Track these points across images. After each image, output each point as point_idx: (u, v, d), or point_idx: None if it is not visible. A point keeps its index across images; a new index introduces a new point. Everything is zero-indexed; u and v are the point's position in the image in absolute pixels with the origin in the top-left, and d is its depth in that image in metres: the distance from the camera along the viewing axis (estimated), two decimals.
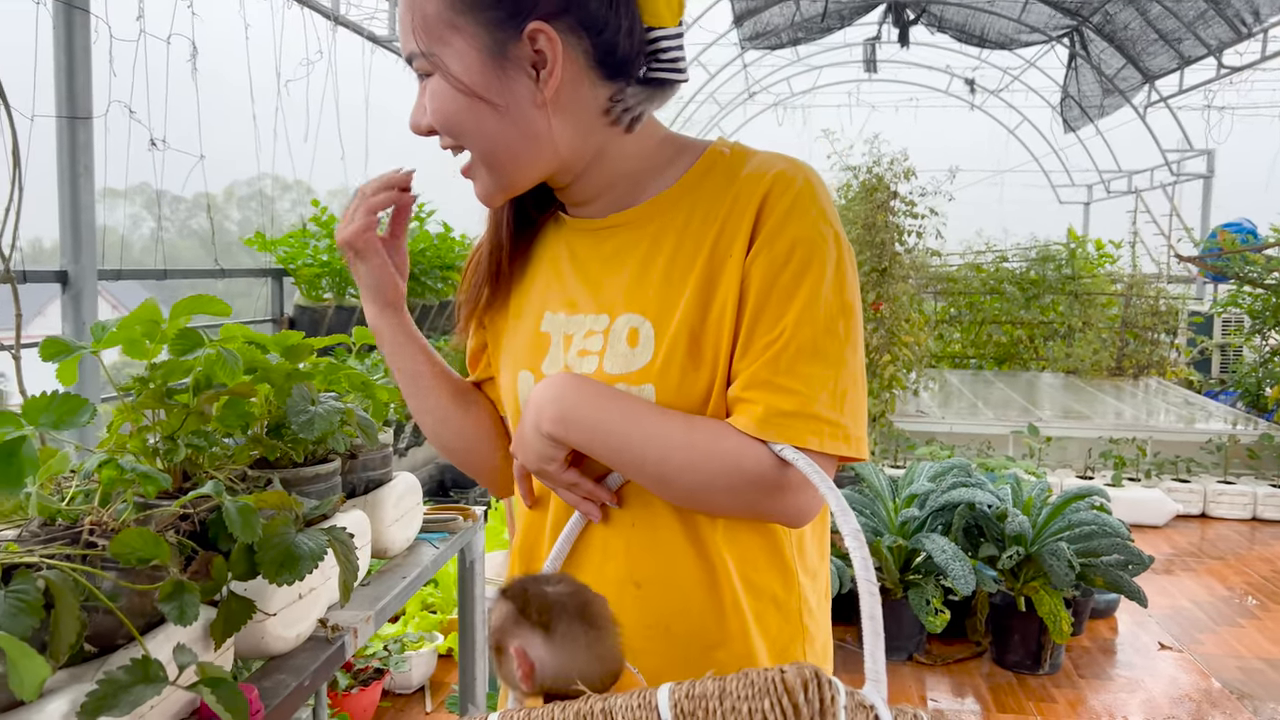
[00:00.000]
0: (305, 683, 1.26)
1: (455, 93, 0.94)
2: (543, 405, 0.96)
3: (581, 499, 1.00)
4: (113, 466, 1.12)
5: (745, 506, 0.93)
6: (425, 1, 0.93)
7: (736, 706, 0.65)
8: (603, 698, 0.70)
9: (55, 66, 2.71)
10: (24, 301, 2.25)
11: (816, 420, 0.90)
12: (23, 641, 0.79)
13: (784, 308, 0.91)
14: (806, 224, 0.93)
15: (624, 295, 0.99)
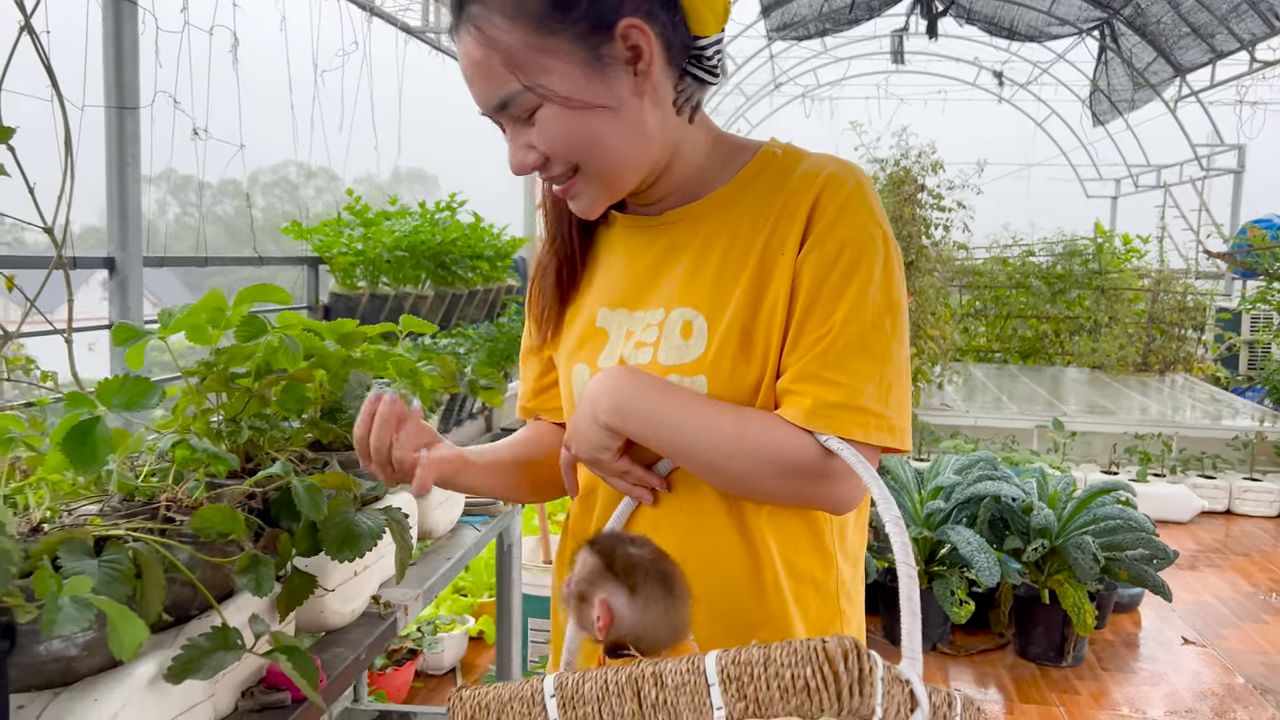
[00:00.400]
0: (361, 656, 1.32)
1: (571, 112, 0.94)
2: (599, 397, 1.01)
3: (632, 485, 1.04)
4: (185, 447, 1.18)
5: (791, 494, 0.98)
6: (504, 40, 0.92)
7: (780, 673, 0.69)
8: (653, 662, 0.75)
9: (104, 57, 2.78)
10: (52, 287, 2.32)
11: (862, 412, 0.94)
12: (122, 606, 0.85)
13: (833, 305, 0.95)
14: (857, 224, 0.97)
15: (679, 290, 1.03)
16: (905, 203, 6.40)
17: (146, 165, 3.06)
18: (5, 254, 2.52)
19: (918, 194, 6.46)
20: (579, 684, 0.77)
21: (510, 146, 0.99)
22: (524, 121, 0.96)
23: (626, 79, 0.95)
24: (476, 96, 0.98)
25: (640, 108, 0.97)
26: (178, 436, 1.20)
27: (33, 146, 1.21)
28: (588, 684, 0.76)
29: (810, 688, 0.69)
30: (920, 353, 6.30)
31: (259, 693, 1.13)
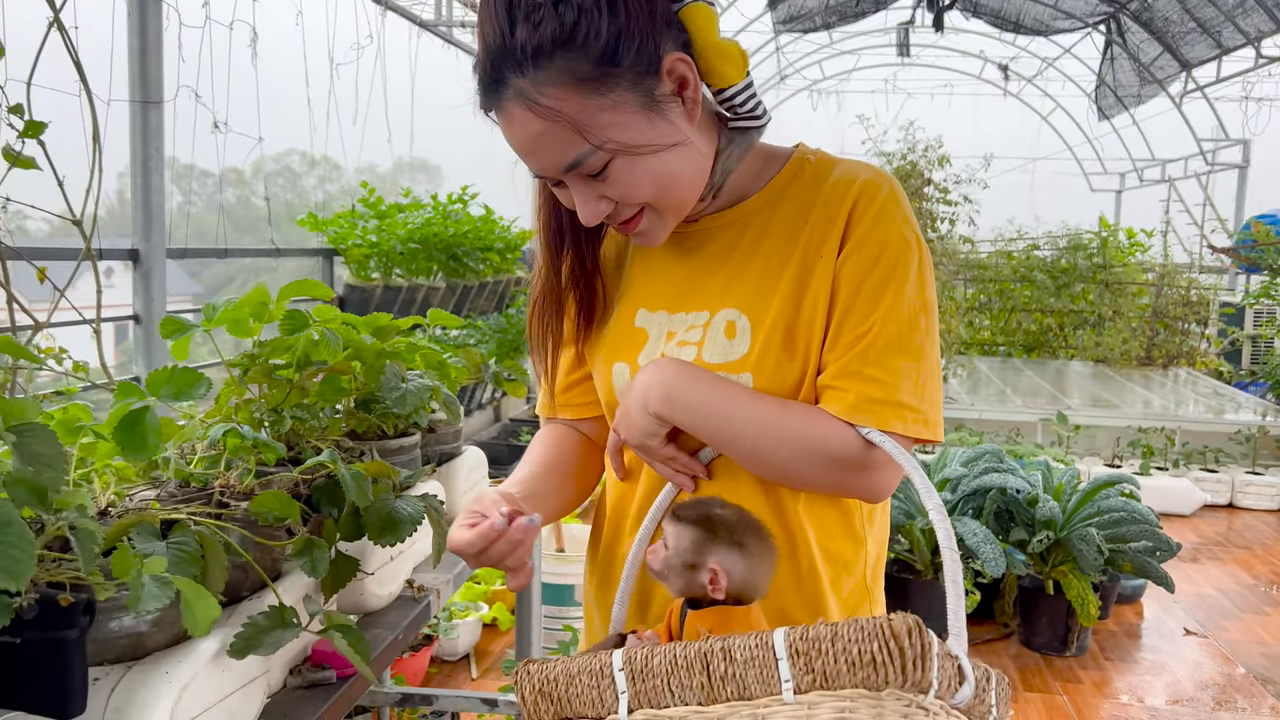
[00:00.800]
0: (399, 637, 1.38)
1: (645, 158, 0.97)
2: (650, 386, 1.06)
3: (675, 472, 1.10)
4: (235, 435, 1.24)
5: (831, 483, 1.04)
6: (565, 108, 0.92)
7: (848, 648, 0.75)
8: (721, 638, 0.80)
9: (129, 52, 2.83)
10: (58, 275, 2.37)
11: (901, 407, 1.00)
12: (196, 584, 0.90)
13: (873, 305, 1.01)
14: (894, 229, 1.03)
15: (722, 292, 1.09)
16: (912, 197, 6.45)
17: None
18: (27, 244, 2.57)
19: (924, 188, 6.51)
20: (648, 658, 0.82)
21: (579, 200, 0.99)
22: (593, 177, 0.97)
23: (679, 110, 0.98)
24: (540, 164, 0.98)
25: (694, 137, 1.01)
26: (227, 425, 1.26)
27: (52, 138, 1.25)
28: (656, 658, 0.82)
29: (877, 661, 0.75)
30: None
31: (306, 670, 1.19)
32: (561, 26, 0.90)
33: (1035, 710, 3.29)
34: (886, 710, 0.76)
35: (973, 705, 0.83)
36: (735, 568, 0.95)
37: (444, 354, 1.88)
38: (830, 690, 0.76)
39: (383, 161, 5.67)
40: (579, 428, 1.30)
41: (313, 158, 4.62)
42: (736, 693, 0.80)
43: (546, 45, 0.90)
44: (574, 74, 0.91)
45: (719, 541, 0.95)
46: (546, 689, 0.86)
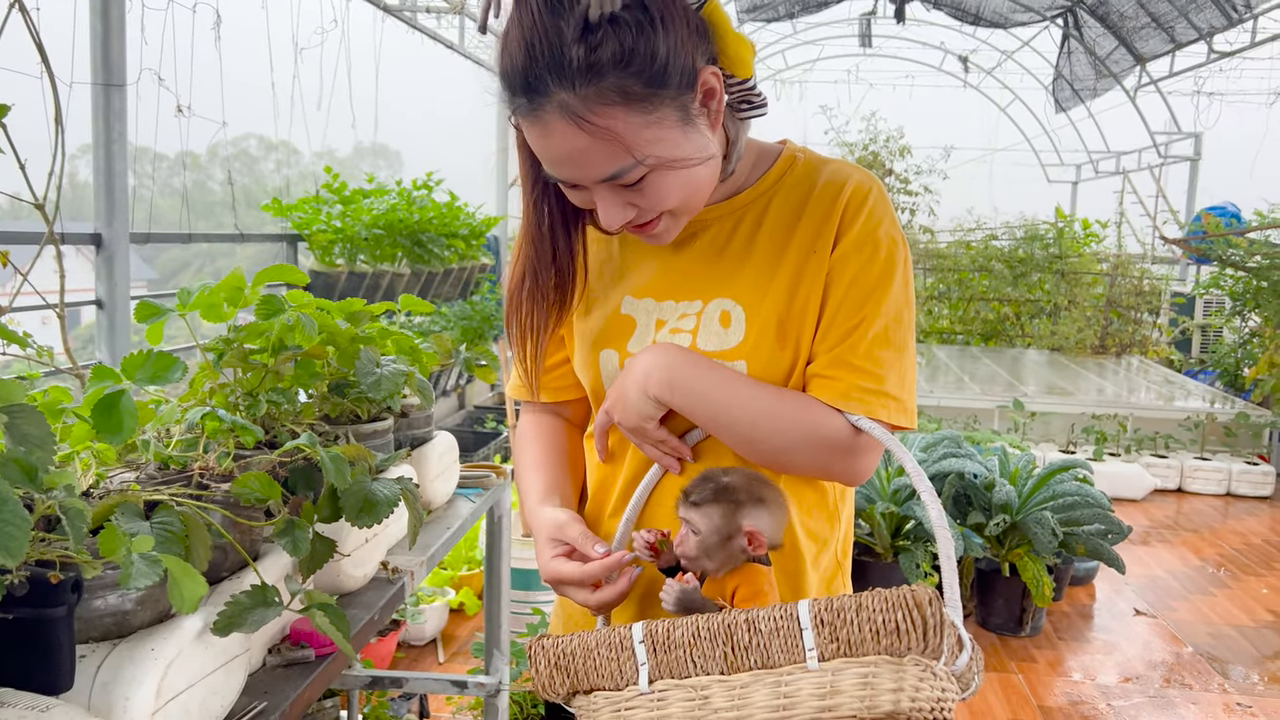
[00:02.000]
0: (375, 617, 1.40)
1: (679, 172, 1.00)
2: (651, 370, 1.09)
3: (664, 454, 1.14)
4: (213, 418, 1.25)
5: (820, 466, 1.09)
6: (614, 125, 0.93)
7: (872, 617, 0.80)
8: (744, 611, 0.84)
9: (91, 34, 2.80)
10: (19, 259, 2.35)
11: (887, 396, 1.06)
12: None
13: (864, 300, 1.07)
14: (883, 230, 1.09)
15: (716, 282, 1.13)
16: None
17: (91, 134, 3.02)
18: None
19: (885, 178, 6.58)
20: (669, 631, 0.86)
21: (604, 206, 1.02)
22: (625, 186, 1.00)
23: (705, 121, 1.01)
24: (576, 174, 0.99)
25: (716, 140, 1.05)
26: (204, 409, 1.27)
27: (11, 120, 1.25)
28: (678, 630, 0.86)
29: (901, 629, 0.80)
30: None
31: (285, 649, 1.21)
32: (621, 48, 0.90)
33: (992, 689, 3.38)
34: (906, 675, 0.82)
35: (964, 671, 0.89)
36: (764, 523, 1.01)
37: (416, 339, 1.89)
38: (854, 658, 0.81)
39: (342, 146, 5.63)
40: (561, 412, 1.33)
41: (271, 142, 4.56)
42: (760, 662, 0.84)
43: (603, 65, 0.90)
44: (625, 93, 0.92)
45: (744, 505, 1.01)
46: (562, 663, 0.89)
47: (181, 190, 3.74)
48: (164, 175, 4.54)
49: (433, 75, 14.64)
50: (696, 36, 0.97)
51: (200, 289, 1.44)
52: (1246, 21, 8.05)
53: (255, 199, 4.33)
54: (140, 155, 3.49)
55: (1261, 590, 4.52)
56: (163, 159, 3.87)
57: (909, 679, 0.82)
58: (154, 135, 3.38)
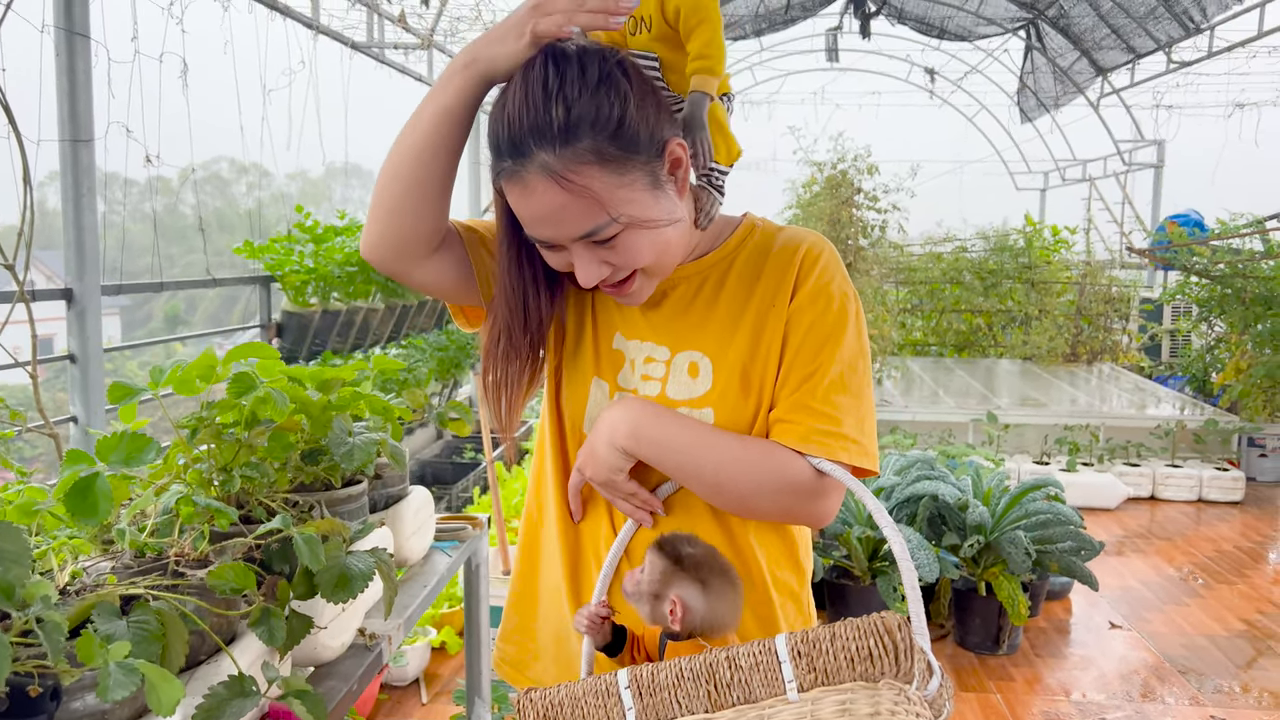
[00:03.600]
0: (353, 688, 1.42)
1: (650, 231, 1.07)
2: (617, 424, 1.16)
3: (635, 508, 1.19)
4: (188, 502, 1.27)
5: (783, 510, 1.15)
6: (590, 185, 1.00)
7: (846, 645, 0.85)
8: (724, 649, 0.89)
9: (58, 91, 2.81)
10: None
11: (846, 439, 1.12)
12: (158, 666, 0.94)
13: (820, 349, 1.14)
14: (835, 285, 1.17)
15: (683, 336, 1.20)
16: (843, 205, 6.59)
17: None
18: None
19: (854, 196, 6.66)
20: (653, 675, 0.90)
21: (581, 264, 1.07)
22: (599, 244, 1.06)
23: (673, 187, 1.10)
24: (554, 232, 1.05)
25: (683, 210, 1.13)
26: (180, 491, 1.29)
27: None
28: (661, 674, 0.90)
29: (874, 655, 0.85)
30: None
31: None
32: (596, 113, 0.99)
33: (971, 709, 3.42)
34: (882, 700, 0.87)
35: (935, 698, 0.92)
36: (695, 603, 1.02)
37: (388, 398, 1.91)
38: (831, 686, 0.85)
39: (314, 167, 5.63)
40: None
41: (242, 165, 4.54)
42: (742, 697, 0.88)
43: (580, 126, 0.99)
44: (600, 154, 1.00)
45: (683, 576, 1.04)
46: (550, 714, 0.93)
47: (152, 215, 3.72)
48: (134, 201, 4.50)
49: (403, 104, 14.67)
50: (665, 112, 1.07)
51: (173, 367, 1.46)
52: (1204, 32, 8.20)
53: (228, 222, 4.33)
54: (110, 181, 3.48)
55: (1234, 599, 4.59)
56: (133, 184, 3.86)
57: (885, 703, 0.86)
58: (124, 160, 3.38)
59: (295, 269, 3.99)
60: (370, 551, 1.36)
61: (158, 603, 1.06)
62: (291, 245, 4.14)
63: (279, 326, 4.09)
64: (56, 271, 3.19)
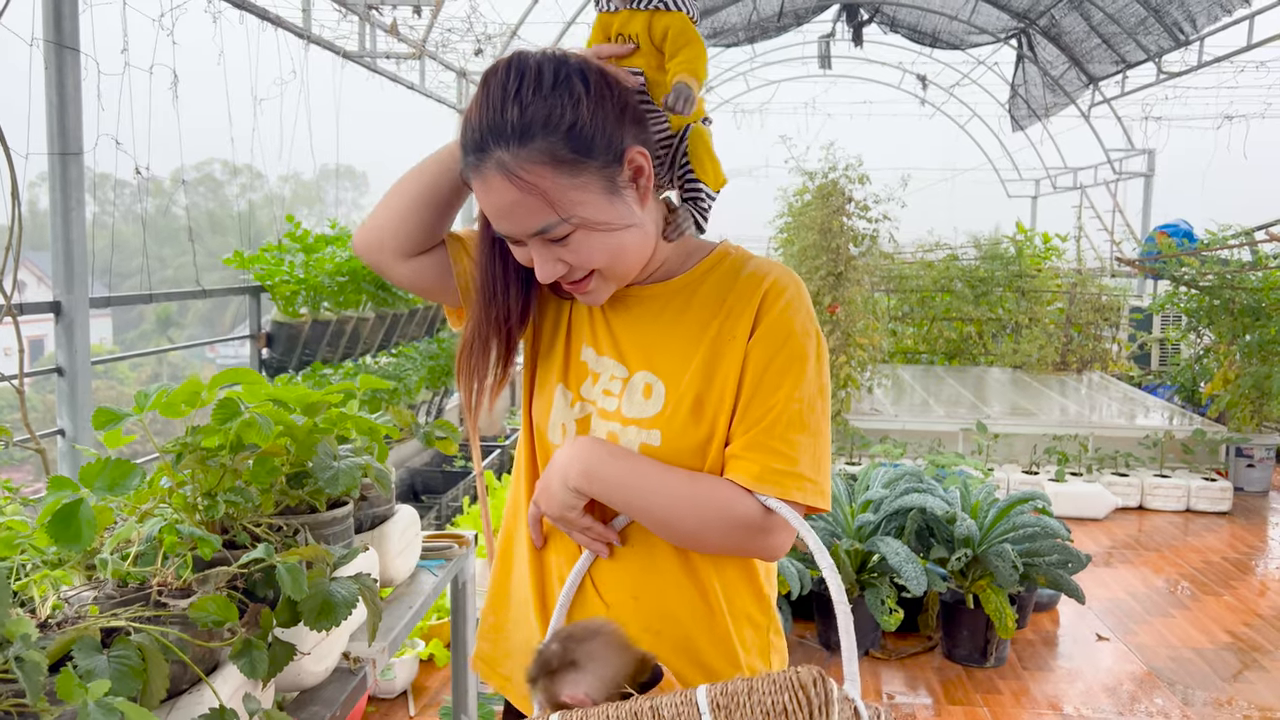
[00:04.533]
0: (337, 714, 1.42)
1: (603, 234, 1.11)
2: (569, 463, 1.18)
3: (592, 540, 1.21)
4: (171, 530, 1.27)
5: (734, 545, 1.16)
6: (541, 183, 1.05)
7: (762, 700, 0.86)
8: (648, 698, 0.90)
9: (47, 105, 2.80)
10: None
11: (800, 478, 1.13)
12: (133, 703, 0.94)
13: (777, 386, 1.14)
14: (798, 322, 1.17)
15: (642, 355, 1.21)
16: (834, 215, 6.61)
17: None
18: None
19: (845, 205, 6.67)
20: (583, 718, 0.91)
21: (538, 260, 1.12)
22: (554, 242, 1.11)
23: (633, 195, 1.13)
24: (510, 227, 1.10)
25: (644, 219, 1.15)
26: (163, 520, 1.29)
27: None
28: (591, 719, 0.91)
29: (789, 710, 0.86)
30: (849, 359, 6.52)
31: None
32: (549, 114, 1.04)
33: None
34: None
35: None
36: (584, 684, 1.01)
37: (376, 417, 1.92)
38: None
39: (307, 169, 5.64)
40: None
41: (234, 166, 4.57)
42: None
43: (534, 127, 1.04)
44: (553, 155, 1.04)
45: (556, 675, 1.02)
46: None
47: (143, 217, 3.71)
48: (126, 202, 4.47)
49: (396, 108, 14.60)
50: (627, 121, 1.10)
51: (159, 390, 1.47)
52: (1194, 43, 8.24)
53: (220, 224, 4.33)
54: (101, 182, 3.45)
55: (1220, 611, 4.61)
56: (125, 185, 3.84)
57: None
58: (114, 162, 3.37)
59: (285, 279, 3.98)
60: (354, 578, 1.37)
61: (139, 635, 1.07)
62: (282, 255, 4.13)
63: (269, 336, 4.08)
64: (46, 274, 3.18)
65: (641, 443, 1.19)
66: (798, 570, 3.53)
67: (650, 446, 1.18)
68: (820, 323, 6.45)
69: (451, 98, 6.39)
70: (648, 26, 1.15)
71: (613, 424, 1.21)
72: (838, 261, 6.41)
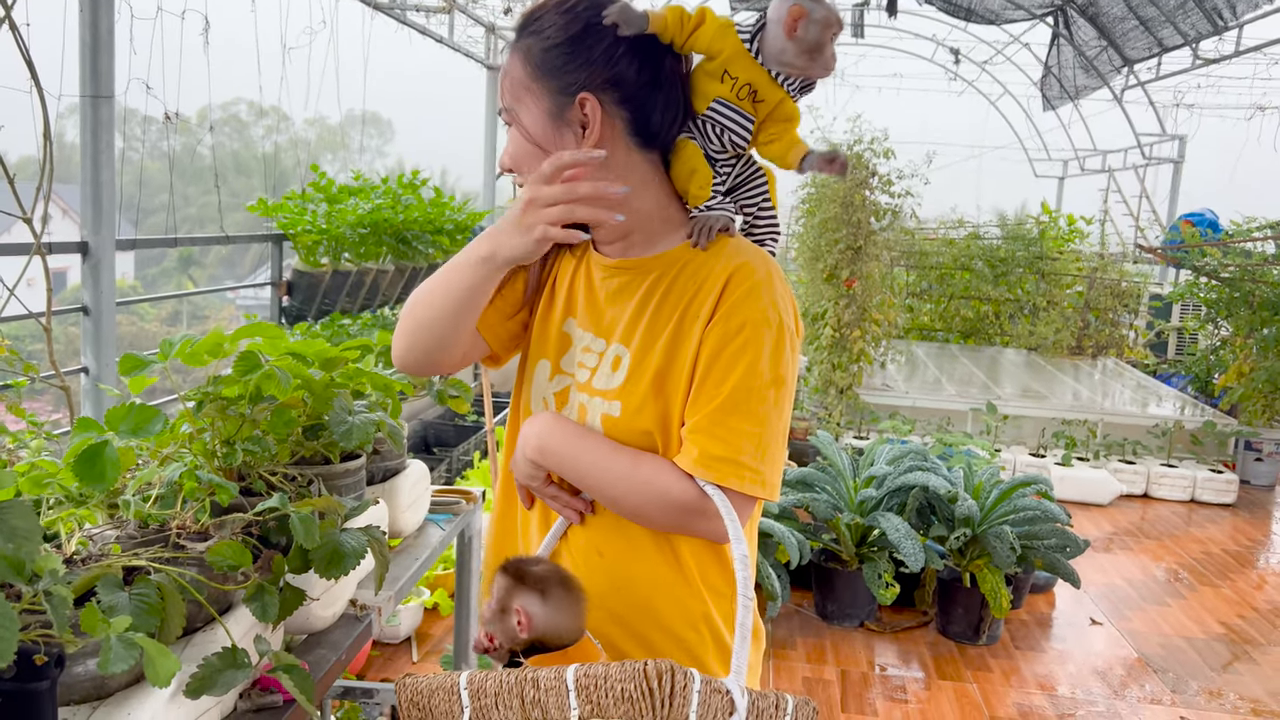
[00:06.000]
0: (342, 657, 1.49)
1: (523, 140, 1.22)
2: (528, 437, 1.27)
3: (563, 507, 1.28)
4: (191, 476, 1.33)
5: (675, 526, 1.20)
6: (513, 68, 1.22)
7: (613, 686, 0.93)
8: (534, 670, 0.98)
9: (80, 46, 2.84)
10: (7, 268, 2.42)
11: (741, 466, 1.14)
12: (152, 638, 1.00)
13: (727, 372, 1.16)
14: (757, 309, 1.17)
15: (620, 328, 1.26)
16: (857, 188, 6.59)
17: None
18: None
19: (869, 179, 6.65)
20: (484, 681, 1.00)
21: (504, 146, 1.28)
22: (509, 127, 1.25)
23: (573, 140, 1.20)
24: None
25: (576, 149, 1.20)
26: (183, 465, 1.35)
27: None
28: (490, 681, 1.00)
29: (634, 698, 0.94)
30: (864, 334, 6.53)
31: (255, 695, 1.29)
32: (544, 27, 1.19)
33: (947, 698, 3.50)
34: None
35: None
36: (536, 612, 1.12)
37: (390, 373, 1.97)
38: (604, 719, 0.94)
39: (333, 113, 5.66)
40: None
41: (260, 107, 4.58)
42: (541, 716, 0.96)
43: (529, 27, 1.21)
44: (529, 59, 1.20)
45: (524, 588, 1.13)
46: (417, 699, 1.03)
47: (170, 156, 3.75)
48: (153, 139, 4.50)
49: (422, 60, 14.49)
50: (598, 72, 1.18)
51: (183, 341, 1.52)
52: (1231, 30, 8.12)
53: (245, 165, 4.37)
54: (129, 117, 3.49)
55: (1216, 602, 4.66)
56: (152, 121, 3.87)
57: None
58: (144, 99, 3.41)
59: (308, 229, 4.03)
60: (364, 529, 1.42)
61: (158, 575, 1.12)
62: (305, 204, 4.18)
63: (289, 285, 4.14)
64: (72, 206, 3.22)
65: (603, 413, 1.23)
66: (797, 541, 3.59)
67: (611, 417, 1.22)
68: (837, 297, 6.49)
69: (480, 53, 6.37)
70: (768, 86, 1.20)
71: (583, 395, 1.26)
72: (857, 235, 6.40)
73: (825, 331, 6.49)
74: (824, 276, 6.56)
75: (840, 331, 6.45)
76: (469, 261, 1.23)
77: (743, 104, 1.21)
